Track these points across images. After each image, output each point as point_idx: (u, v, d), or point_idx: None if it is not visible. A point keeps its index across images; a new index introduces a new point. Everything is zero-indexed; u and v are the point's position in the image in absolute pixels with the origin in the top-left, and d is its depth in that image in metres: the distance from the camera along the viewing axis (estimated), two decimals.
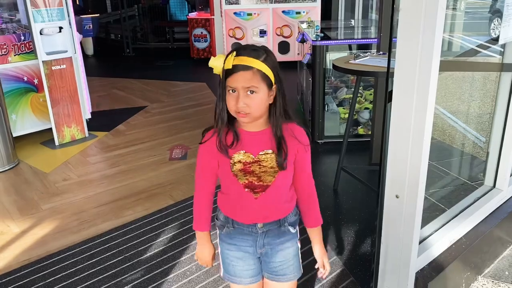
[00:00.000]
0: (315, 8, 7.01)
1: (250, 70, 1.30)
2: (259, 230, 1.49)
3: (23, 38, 4.07)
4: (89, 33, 8.17)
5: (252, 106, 1.31)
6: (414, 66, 1.62)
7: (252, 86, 1.30)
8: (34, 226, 2.91)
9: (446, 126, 4.28)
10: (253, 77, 1.30)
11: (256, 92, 1.31)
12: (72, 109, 4.27)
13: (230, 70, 1.30)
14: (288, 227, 1.52)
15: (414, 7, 1.56)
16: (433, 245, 2.06)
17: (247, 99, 1.31)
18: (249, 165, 1.40)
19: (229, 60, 1.30)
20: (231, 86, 1.31)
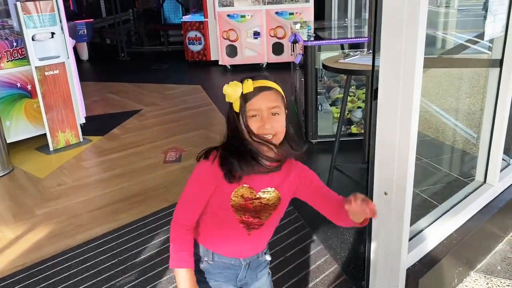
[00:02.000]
0: (308, 9, 7.03)
1: (272, 91, 1.29)
2: (243, 263, 1.43)
3: (16, 44, 4.08)
4: (83, 38, 8.18)
5: (277, 128, 1.28)
6: (399, 64, 1.64)
7: (276, 106, 1.27)
8: (29, 232, 2.91)
9: (439, 123, 4.30)
10: (276, 97, 1.29)
11: (279, 114, 1.28)
12: (66, 114, 4.28)
13: (250, 94, 1.26)
14: (265, 257, 1.51)
15: (397, 5, 1.58)
16: (424, 241, 2.07)
17: (272, 121, 1.27)
18: (250, 201, 1.33)
19: (248, 84, 1.27)
20: (254, 109, 1.26)
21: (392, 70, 1.66)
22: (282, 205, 1.39)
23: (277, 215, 1.41)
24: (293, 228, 2.77)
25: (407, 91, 1.65)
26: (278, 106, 1.28)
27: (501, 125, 2.37)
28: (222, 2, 7.11)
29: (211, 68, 7.46)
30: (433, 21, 4.74)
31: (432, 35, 4.49)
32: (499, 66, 2.29)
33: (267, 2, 7.08)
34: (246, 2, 7.13)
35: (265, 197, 1.34)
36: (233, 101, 1.29)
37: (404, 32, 1.59)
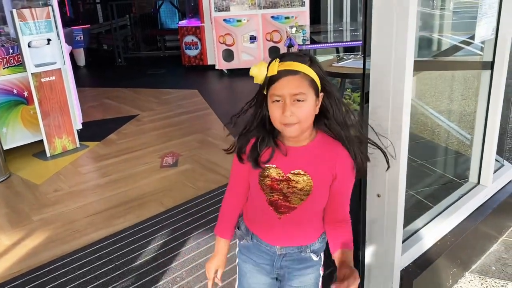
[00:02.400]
0: (304, 13, 7.06)
1: (297, 75, 1.19)
2: (277, 251, 1.40)
3: (12, 51, 4.09)
4: (80, 44, 8.19)
5: (300, 116, 1.20)
6: (389, 67, 1.65)
7: (300, 93, 1.19)
8: (25, 238, 2.92)
9: (434, 125, 4.31)
10: (301, 82, 1.19)
11: (303, 100, 1.20)
12: (62, 120, 4.29)
13: (274, 77, 1.20)
14: (310, 254, 1.40)
15: (386, 8, 1.60)
16: (418, 242, 2.08)
17: (294, 108, 1.19)
18: (278, 182, 1.29)
19: (273, 66, 1.20)
20: (277, 94, 1.20)
21: (383, 73, 1.68)
22: (317, 192, 1.29)
23: (313, 203, 1.31)
24: None
25: (398, 94, 1.67)
26: (303, 93, 1.19)
27: (493, 126, 2.39)
28: (218, 7, 7.14)
29: (208, 73, 7.48)
30: (428, 23, 4.77)
31: (427, 37, 4.52)
32: (490, 68, 2.31)
33: (263, 7, 7.12)
34: (242, 7, 7.16)
35: (294, 179, 1.28)
36: (260, 82, 1.24)
37: (394, 36, 1.61)
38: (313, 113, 1.25)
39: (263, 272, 1.45)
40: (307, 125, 1.25)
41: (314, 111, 1.25)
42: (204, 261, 2.53)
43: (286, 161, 1.29)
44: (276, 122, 1.23)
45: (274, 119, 1.23)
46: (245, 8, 7.15)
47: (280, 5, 7.11)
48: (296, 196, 1.30)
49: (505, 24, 2.22)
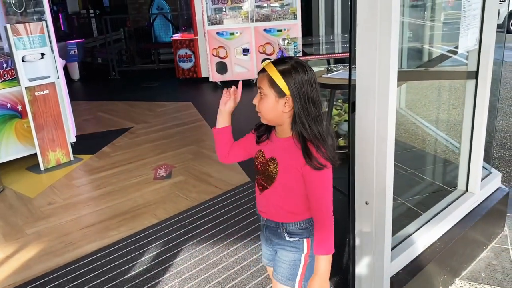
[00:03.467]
0: (296, 25, 7.15)
1: (263, 74, 1.46)
2: (262, 221, 1.66)
3: (6, 66, 4.13)
4: (74, 58, 8.24)
5: (260, 108, 1.47)
6: (374, 77, 1.70)
7: (260, 87, 1.45)
8: (19, 251, 2.92)
9: (425, 134, 4.37)
10: (263, 80, 1.45)
11: (265, 95, 1.44)
12: (56, 133, 4.31)
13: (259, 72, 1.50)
14: (284, 233, 1.58)
15: (370, 21, 1.65)
16: (407, 249, 2.11)
17: (257, 99, 1.48)
18: (261, 164, 1.56)
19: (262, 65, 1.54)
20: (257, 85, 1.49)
21: (368, 84, 1.72)
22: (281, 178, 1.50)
23: (280, 186, 1.51)
24: None
25: (383, 103, 1.71)
26: (262, 89, 1.44)
27: (480, 134, 2.44)
28: (211, 20, 7.23)
29: (202, 85, 7.54)
30: (419, 34, 4.85)
31: (417, 48, 4.60)
32: (475, 77, 2.37)
33: (255, 20, 7.21)
34: (235, 20, 7.25)
35: (269, 163, 1.52)
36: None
37: (378, 47, 1.66)
38: (274, 110, 1.45)
39: (265, 241, 1.70)
40: (269, 118, 1.48)
41: (279, 109, 1.44)
42: (198, 271, 2.55)
43: (268, 148, 1.55)
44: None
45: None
46: (238, 21, 7.24)
47: (272, 18, 7.20)
48: (268, 178, 1.54)
49: (488, 34, 2.29)
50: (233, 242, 2.82)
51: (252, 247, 2.73)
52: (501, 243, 2.71)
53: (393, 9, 1.58)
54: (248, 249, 2.73)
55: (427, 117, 4.68)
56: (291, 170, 1.48)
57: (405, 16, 4.39)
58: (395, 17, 1.61)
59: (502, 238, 2.77)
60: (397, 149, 3.49)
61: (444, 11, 5.87)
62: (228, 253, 2.71)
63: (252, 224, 2.99)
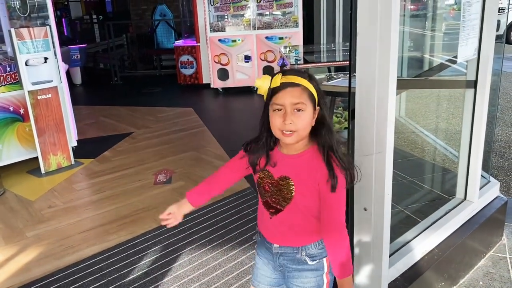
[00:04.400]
0: (297, 33, 7.20)
1: (298, 87, 1.33)
2: (274, 249, 1.51)
3: (9, 69, 4.16)
4: (76, 63, 8.29)
5: (298, 125, 1.32)
6: (373, 85, 1.72)
7: (300, 102, 1.32)
8: (18, 253, 2.93)
9: (424, 143, 4.39)
10: (302, 93, 1.32)
11: (303, 110, 1.32)
12: (58, 137, 4.33)
13: (277, 88, 1.33)
14: (305, 258, 1.47)
15: (370, 30, 1.68)
16: (405, 256, 2.13)
17: (294, 117, 1.32)
18: (269, 185, 1.44)
19: (276, 79, 1.34)
20: (278, 103, 1.33)
21: (367, 91, 1.75)
22: (298, 198, 1.40)
23: (297, 207, 1.41)
24: None
25: (382, 111, 1.73)
26: (303, 103, 1.32)
27: (478, 143, 2.46)
28: (214, 27, 7.28)
29: (203, 91, 7.58)
30: (419, 43, 4.89)
31: (418, 57, 4.63)
32: (474, 87, 2.39)
33: (257, 27, 7.26)
34: (238, 27, 7.30)
35: (281, 183, 1.42)
36: (263, 93, 1.38)
37: (378, 55, 1.68)
38: (310, 124, 1.36)
39: (269, 266, 1.58)
40: (304, 134, 1.37)
41: (311, 122, 1.37)
42: (197, 276, 2.56)
43: (277, 167, 1.42)
44: (276, 130, 1.36)
45: (274, 127, 1.35)
46: (240, 28, 7.30)
47: (274, 26, 7.25)
48: (283, 199, 1.43)
49: (486, 44, 2.32)
50: (232, 247, 2.83)
51: (251, 253, 2.74)
52: (499, 252, 2.73)
53: (392, 19, 1.61)
54: (247, 254, 2.74)
55: (426, 126, 4.71)
56: (309, 187, 1.38)
57: (405, 25, 4.43)
58: (395, 26, 1.64)
59: (500, 247, 2.78)
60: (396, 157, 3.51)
61: (445, 21, 5.92)
62: (227, 258, 2.72)
63: (251, 229, 3.00)
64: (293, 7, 7.30)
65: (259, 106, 6.57)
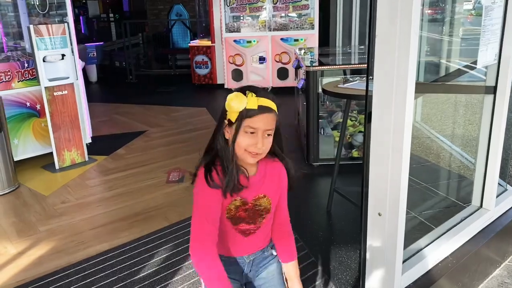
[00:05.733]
0: (313, 35, 7.18)
1: (272, 113, 1.34)
2: (246, 260, 1.55)
3: (27, 65, 4.21)
4: (93, 61, 8.36)
5: (266, 148, 1.36)
6: (391, 88, 1.70)
7: (272, 129, 1.35)
8: (31, 248, 2.96)
9: (440, 149, 4.34)
10: (273, 120, 1.35)
11: (271, 135, 1.36)
12: (72, 133, 4.37)
13: (253, 111, 1.30)
14: (271, 251, 1.60)
15: (389, 33, 1.65)
16: (419, 263, 2.09)
17: (265, 141, 1.34)
18: (244, 210, 1.43)
19: (252, 100, 1.30)
20: (253, 127, 1.31)
21: (385, 95, 1.72)
22: (273, 206, 1.49)
23: (271, 216, 1.51)
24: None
25: (399, 115, 1.71)
26: (273, 129, 1.36)
27: (496, 150, 2.42)
28: (229, 27, 7.29)
29: (217, 91, 7.59)
30: (437, 48, 4.84)
31: (435, 62, 4.58)
32: (493, 92, 2.35)
33: (273, 29, 7.25)
34: (253, 28, 7.30)
35: (257, 203, 1.44)
36: (234, 111, 1.32)
37: (396, 58, 1.66)
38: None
39: (246, 277, 1.58)
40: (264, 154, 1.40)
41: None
42: None
43: (248, 190, 1.41)
44: (241, 149, 1.34)
45: (240, 147, 1.34)
46: (256, 29, 7.29)
47: (290, 28, 7.24)
48: (260, 216, 1.47)
49: (507, 49, 2.27)
50: None
51: None
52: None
53: (413, 22, 1.59)
54: None
55: (442, 132, 4.65)
56: (277, 193, 1.50)
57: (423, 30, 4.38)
58: (415, 29, 1.61)
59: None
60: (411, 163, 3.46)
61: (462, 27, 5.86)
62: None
63: None
64: (309, 9, 7.28)
65: None
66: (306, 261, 2.67)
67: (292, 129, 5.13)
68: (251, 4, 7.33)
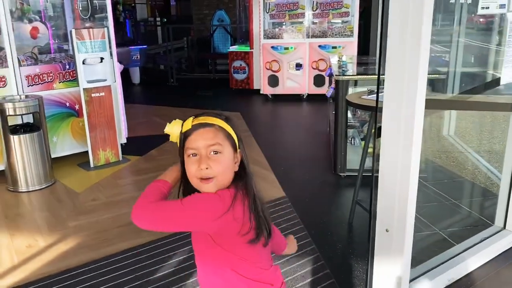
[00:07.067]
0: (352, 43, 7.11)
1: (212, 127, 1.19)
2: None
3: (68, 67, 4.43)
4: (136, 63, 8.66)
5: (216, 169, 1.16)
6: (400, 103, 1.68)
7: (216, 143, 1.17)
8: (59, 242, 3.11)
9: (471, 164, 4.18)
10: (217, 134, 1.18)
11: (220, 152, 1.17)
12: (108, 134, 4.55)
13: (189, 131, 1.18)
14: None
15: (399, 46, 1.64)
16: (429, 281, 2.04)
17: (210, 161, 1.16)
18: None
19: (187, 122, 1.20)
20: (192, 147, 1.17)
21: (394, 110, 1.70)
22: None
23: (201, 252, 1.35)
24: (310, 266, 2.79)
25: (408, 131, 1.68)
26: (219, 143, 1.17)
27: None
28: (268, 34, 7.34)
29: (253, 97, 7.66)
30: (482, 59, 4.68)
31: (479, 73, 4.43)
32: None
33: (311, 36, 7.24)
34: (291, 35, 7.33)
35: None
36: (175, 140, 1.23)
37: (406, 72, 1.64)
38: (230, 168, 1.21)
39: None
40: (225, 181, 1.19)
41: (232, 167, 1.21)
42: None
43: None
44: (193, 179, 1.19)
45: (191, 175, 1.19)
46: (294, 36, 7.31)
47: (328, 35, 7.20)
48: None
49: None
50: None
51: (282, 260, 2.73)
52: None
53: (423, 37, 1.56)
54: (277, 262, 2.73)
55: (476, 147, 4.48)
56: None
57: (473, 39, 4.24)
58: (425, 45, 1.59)
59: None
60: (442, 177, 3.38)
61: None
62: None
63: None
64: (350, 16, 7.22)
65: (307, 115, 6.62)
66: (321, 272, 2.66)
67: (323, 137, 5.10)
68: (291, 11, 7.36)
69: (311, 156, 4.76)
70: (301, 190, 3.90)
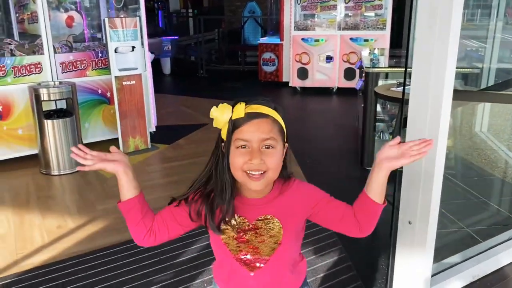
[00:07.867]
0: (384, 36, 6.99)
1: (267, 118, 1.08)
2: None
3: (101, 55, 4.53)
4: (167, 54, 8.77)
5: (270, 165, 1.06)
6: (427, 95, 1.65)
7: (271, 137, 1.06)
8: (87, 224, 3.20)
9: (502, 162, 4.06)
10: (272, 127, 1.08)
11: (273, 147, 1.07)
12: (138, 122, 4.63)
13: (241, 120, 1.07)
14: None
15: (428, 36, 1.60)
16: (452, 277, 2.01)
17: (264, 155, 1.05)
18: (244, 232, 1.14)
19: (239, 108, 1.08)
20: (243, 139, 1.06)
21: (421, 100, 1.67)
22: (287, 239, 1.16)
23: (284, 252, 1.17)
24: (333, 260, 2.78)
25: (434, 122, 1.65)
26: (274, 138, 1.07)
27: None
28: (298, 26, 7.30)
29: (281, 89, 7.64)
30: None
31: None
32: None
33: (342, 28, 7.16)
34: (322, 27, 7.26)
35: (262, 226, 1.14)
36: (221, 127, 1.11)
37: (433, 63, 1.61)
38: (280, 164, 1.12)
39: None
40: (274, 177, 1.11)
41: (281, 162, 1.12)
42: None
43: (249, 209, 1.15)
44: (238, 172, 1.08)
45: (236, 168, 1.08)
46: (325, 28, 7.24)
47: (360, 28, 7.10)
48: (266, 246, 1.15)
49: None
50: None
51: (304, 251, 2.74)
52: None
53: (451, 28, 1.52)
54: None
55: (509, 145, 4.34)
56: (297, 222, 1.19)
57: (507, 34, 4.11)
58: (454, 37, 1.55)
59: None
60: (473, 175, 3.31)
61: None
62: None
63: None
64: (383, 9, 7.09)
65: (336, 109, 6.55)
66: (343, 264, 2.65)
67: (351, 131, 5.05)
68: (323, 2, 7.29)
69: (338, 149, 4.73)
70: (326, 183, 3.85)
